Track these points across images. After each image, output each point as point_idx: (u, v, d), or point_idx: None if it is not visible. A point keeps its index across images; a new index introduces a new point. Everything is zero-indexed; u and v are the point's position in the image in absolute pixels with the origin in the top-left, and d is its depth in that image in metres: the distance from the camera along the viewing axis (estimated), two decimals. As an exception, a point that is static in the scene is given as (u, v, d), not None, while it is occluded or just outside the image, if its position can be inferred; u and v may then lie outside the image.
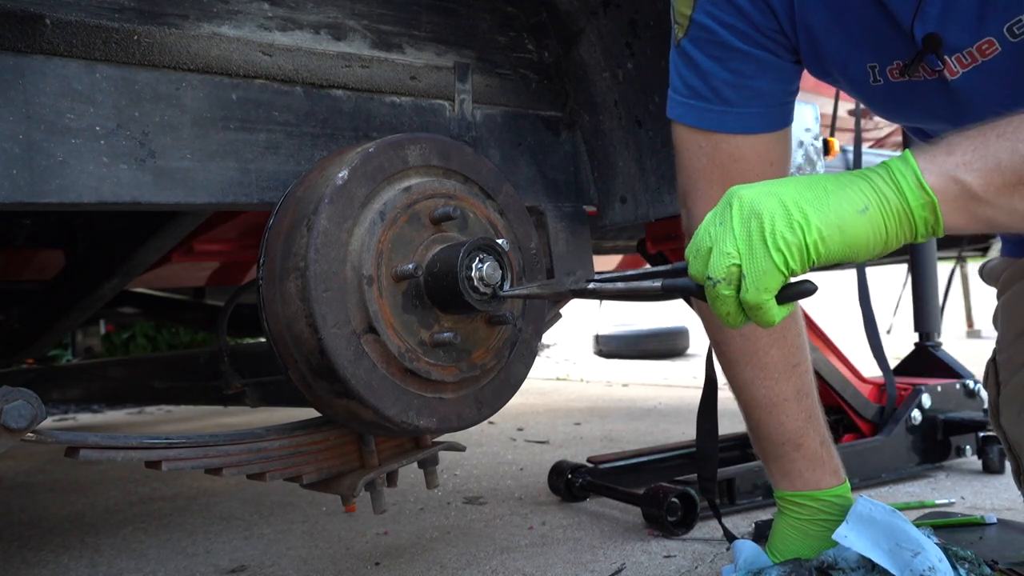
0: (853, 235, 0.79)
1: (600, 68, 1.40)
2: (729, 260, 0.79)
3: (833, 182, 0.81)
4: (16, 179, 0.91)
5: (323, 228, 0.96)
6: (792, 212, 0.78)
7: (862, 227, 0.79)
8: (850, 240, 0.79)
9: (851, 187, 0.81)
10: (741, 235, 0.79)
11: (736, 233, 0.79)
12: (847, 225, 0.79)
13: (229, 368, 1.42)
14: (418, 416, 1.03)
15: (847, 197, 0.80)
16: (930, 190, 0.79)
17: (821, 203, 0.79)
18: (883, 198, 0.80)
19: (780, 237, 0.78)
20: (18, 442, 0.84)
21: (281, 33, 1.14)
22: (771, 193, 0.80)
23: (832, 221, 0.79)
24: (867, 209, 0.79)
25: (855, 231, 0.79)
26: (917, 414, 2.01)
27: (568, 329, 6.87)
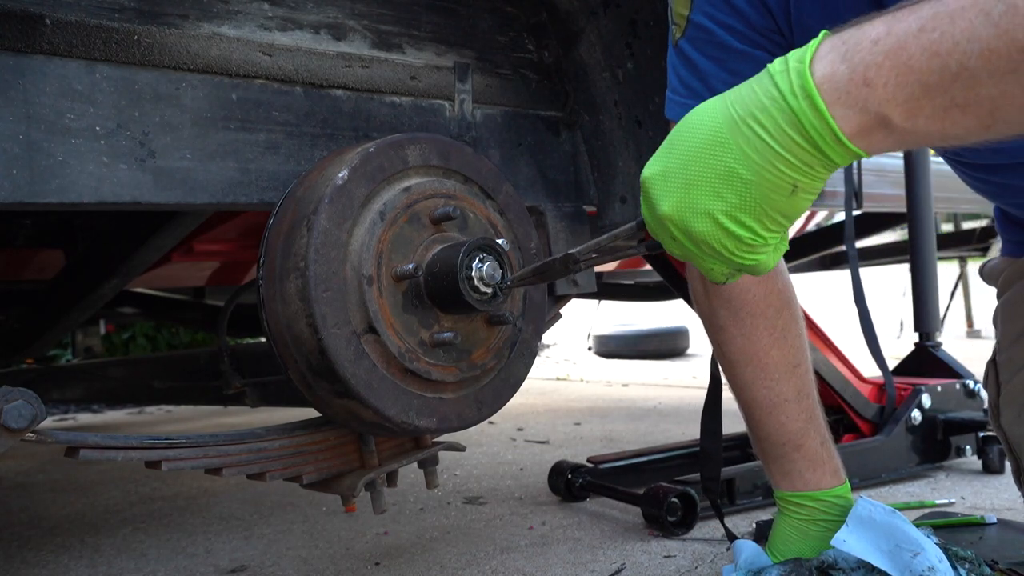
0: (795, 211, 0.74)
1: (600, 68, 1.40)
2: (721, 274, 0.80)
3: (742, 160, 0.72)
4: (16, 179, 0.91)
5: (323, 228, 0.96)
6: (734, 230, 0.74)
7: (801, 201, 0.74)
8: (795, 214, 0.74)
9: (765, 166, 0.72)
10: (710, 259, 0.78)
11: (704, 257, 0.78)
12: (786, 209, 0.74)
13: (229, 368, 1.42)
14: (418, 416, 1.03)
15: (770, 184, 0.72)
16: (851, 145, 0.69)
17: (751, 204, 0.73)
18: (807, 167, 0.71)
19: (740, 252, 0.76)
20: (18, 442, 0.84)
21: (281, 33, 1.14)
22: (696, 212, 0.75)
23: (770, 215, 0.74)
24: (796, 187, 0.72)
25: (796, 208, 0.74)
26: (917, 414, 2.01)
27: (568, 329, 6.87)
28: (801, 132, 0.70)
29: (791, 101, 0.70)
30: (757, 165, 0.72)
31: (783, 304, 1.20)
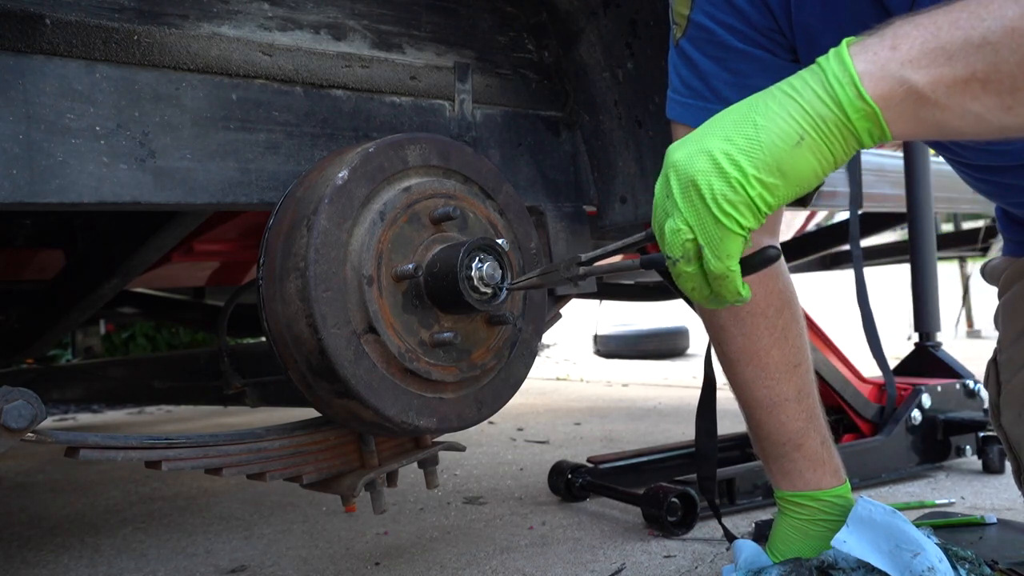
0: (795, 172, 0.72)
1: (600, 68, 1.40)
2: (682, 237, 0.74)
3: (763, 111, 0.73)
4: (16, 179, 0.91)
5: (323, 228, 0.96)
6: (726, 168, 0.71)
7: (803, 160, 0.71)
8: (794, 177, 0.72)
9: (782, 114, 0.72)
10: (686, 207, 0.73)
11: (680, 206, 0.74)
12: (786, 164, 0.71)
13: (229, 368, 1.42)
14: (418, 416, 1.03)
15: (779, 129, 0.71)
16: (871, 101, 0.69)
17: (753, 146, 0.72)
18: (819, 120, 0.71)
19: (723, 200, 0.72)
20: (18, 442, 0.84)
21: (281, 33, 1.14)
22: (701, 150, 0.73)
23: (770, 164, 0.71)
24: (803, 139, 0.71)
25: (796, 167, 0.72)
26: (917, 414, 2.01)
27: (568, 329, 6.87)
28: (822, 82, 0.71)
29: (822, 62, 0.72)
30: (773, 112, 0.73)
31: (783, 304, 1.20)
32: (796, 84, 0.73)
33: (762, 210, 0.73)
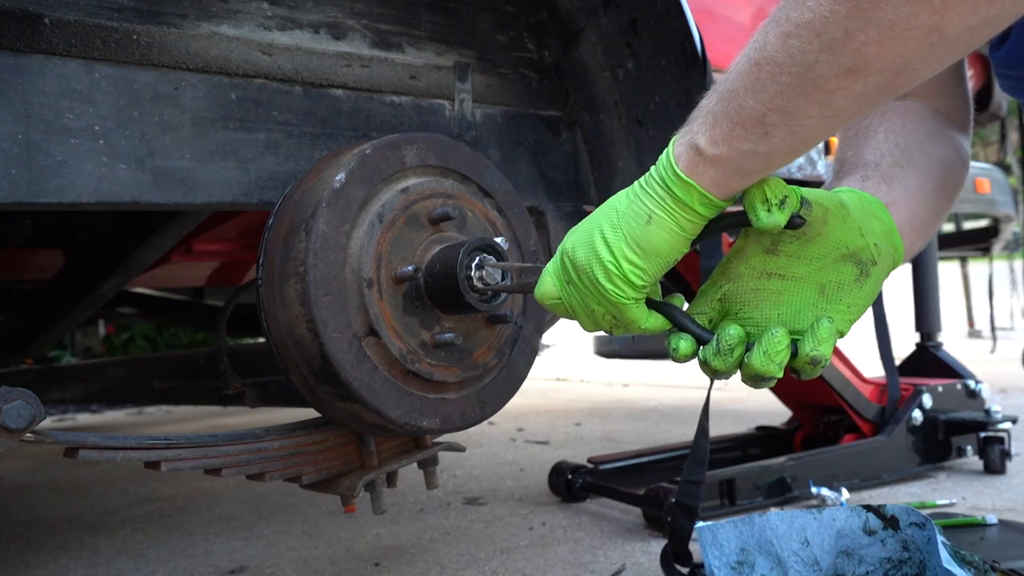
0: (650, 245, 0.82)
1: (600, 67, 1.40)
2: (602, 315, 0.86)
3: (624, 200, 0.85)
4: (15, 179, 0.91)
5: (321, 232, 0.96)
6: (600, 253, 0.83)
7: (655, 236, 0.82)
8: (650, 250, 0.82)
9: (635, 201, 0.84)
10: (590, 292, 0.85)
11: (588, 291, 0.85)
12: (643, 241, 0.82)
13: (228, 368, 1.42)
14: (421, 417, 1.03)
15: (633, 213, 0.83)
16: (684, 175, 0.81)
17: (616, 232, 0.83)
18: (660, 201, 0.82)
19: (606, 281, 0.83)
20: (17, 442, 0.84)
21: (280, 32, 1.14)
22: (583, 241, 0.85)
23: (630, 244, 0.82)
24: (651, 217, 0.82)
25: (651, 243, 0.82)
26: (918, 414, 2.01)
27: (568, 329, 6.87)
28: (656, 169, 0.84)
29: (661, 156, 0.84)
30: (629, 200, 0.84)
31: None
32: (645, 178, 0.85)
33: (637, 283, 0.83)
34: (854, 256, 0.86)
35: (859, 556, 1.14)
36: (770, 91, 0.76)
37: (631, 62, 1.37)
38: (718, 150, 0.80)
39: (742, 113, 0.78)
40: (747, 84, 0.77)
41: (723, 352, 0.83)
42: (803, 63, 0.73)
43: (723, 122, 0.79)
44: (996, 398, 3.15)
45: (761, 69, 0.76)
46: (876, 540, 1.14)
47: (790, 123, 0.78)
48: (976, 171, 3.06)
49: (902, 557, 1.11)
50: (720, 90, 0.80)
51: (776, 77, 0.75)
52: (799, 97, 0.76)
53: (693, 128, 0.82)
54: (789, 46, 0.73)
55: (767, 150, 0.80)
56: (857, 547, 1.15)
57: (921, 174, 1.08)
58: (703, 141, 0.80)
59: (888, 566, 1.12)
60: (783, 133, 0.79)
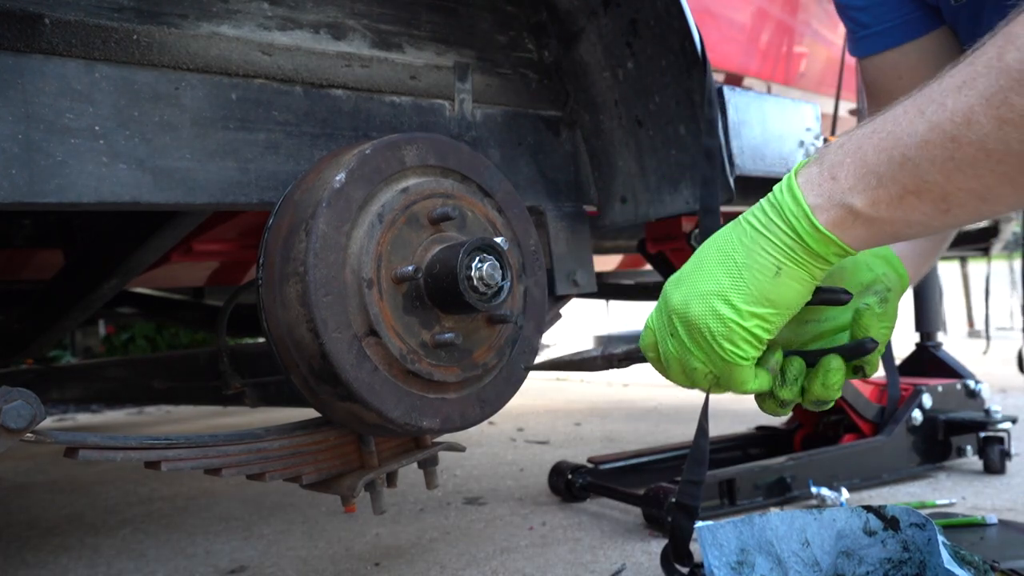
0: (781, 298, 0.79)
1: (600, 68, 1.40)
2: (704, 375, 0.84)
3: (740, 250, 0.81)
4: (15, 179, 0.91)
5: (322, 232, 0.96)
6: (720, 310, 0.80)
7: (786, 287, 0.79)
8: (781, 302, 0.80)
9: (757, 250, 0.80)
10: (696, 350, 0.82)
11: (691, 349, 0.82)
12: (772, 294, 0.79)
13: (228, 368, 1.42)
14: (421, 417, 1.03)
15: (759, 265, 0.79)
16: (825, 231, 0.77)
17: (739, 285, 0.80)
18: (789, 251, 0.79)
19: (723, 339, 0.80)
20: (17, 442, 0.84)
21: (281, 32, 1.14)
22: (696, 294, 0.81)
23: (758, 297, 0.79)
24: (780, 270, 0.79)
25: (781, 294, 0.79)
26: (918, 414, 2.01)
27: (568, 329, 6.87)
28: (782, 216, 0.79)
29: (777, 195, 0.80)
30: (747, 248, 0.80)
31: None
32: (761, 219, 0.81)
33: (761, 337, 0.80)
34: (869, 288, 0.92)
35: (859, 556, 1.14)
36: (967, 174, 0.70)
37: (631, 62, 1.37)
38: (879, 214, 0.76)
39: (922, 186, 0.73)
40: (935, 159, 0.71)
41: (788, 383, 0.86)
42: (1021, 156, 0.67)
43: (891, 187, 0.74)
44: (996, 398, 3.15)
45: (961, 149, 0.69)
46: (876, 541, 1.14)
47: (981, 206, 0.73)
48: (976, 171, 3.05)
49: (902, 557, 1.11)
50: (886, 148, 0.74)
51: (980, 163, 0.69)
52: (1004, 185, 0.70)
53: (842, 182, 0.76)
54: (1006, 135, 0.66)
55: (942, 224, 0.76)
56: (857, 547, 1.15)
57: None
58: (860, 203, 0.75)
59: (888, 566, 1.12)
60: (969, 212, 0.74)
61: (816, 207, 0.77)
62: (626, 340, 6.12)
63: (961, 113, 0.68)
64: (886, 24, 1.22)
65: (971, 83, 0.67)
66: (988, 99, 0.66)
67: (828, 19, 2.18)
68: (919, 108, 0.72)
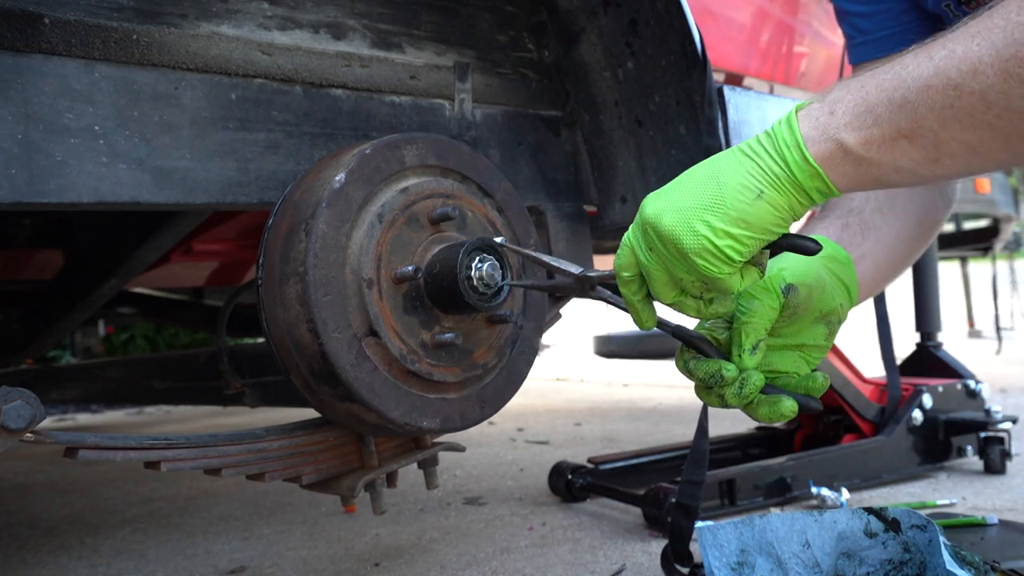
0: (758, 221, 0.78)
1: (600, 67, 1.40)
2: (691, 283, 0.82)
3: (725, 171, 0.80)
4: (15, 179, 0.91)
5: (321, 232, 0.96)
6: (694, 225, 0.78)
7: (764, 211, 0.78)
8: (757, 225, 0.78)
9: (741, 173, 0.79)
10: (676, 261, 0.81)
11: (674, 259, 0.81)
12: (749, 216, 0.78)
13: (228, 368, 1.42)
14: (421, 417, 1.03)
15: (740, 186, 0.78)
16: (814, 162, 0.77)
17: (718, 203, 0.78)
18: (773, 177, 0.78)
19: (695, 256, 0.79)
20: (17, 442, 0.84)
21: (280, 32, 1.14)
22: (673, 208, 0.80)
23: (735, 217, 0.78)
24: (762, 193, 0.78)
25: (759, 217, 0.78)
26: (918, 414, 2.01)
27: (568, 329, 6.87)
28: (774, 144, 0.79)
29: (775, 126, 0.80)
30: (732, 170, 0.79)
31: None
32: (753, 146, 0.80)
33: (736, 259, 0.79)
34: (826, 318, 0.95)
35: (860, 558, 1.14)
36: (964, 124, 0.70)
37: (631, 62, 1.37)
38: (869, 154, 0.75)
39: (916, 130, 0.72)
40: (934, 105, 0.70)
41: (744, 396, 0.87)
42: (1021, 114, 0.67)
43: (886, 128, 0.74)
44: (996, 398, 3.15)
45: (962, 97, 0.69)
46: (877, 542, 1.14)
47: (971, 159, 0.73)
48: (976, 171, 3.05)
49: (903, 558, 1.11)
50: (888, 88, 0.73)
51: (978, 114, 0.69)
52: (998, 141, 0.70)
53: (839, 117, 0.76)
54: (1009, 89, 0.66)
55: (929, 173, 0.76)
56: (858, 549, 1.15)
57: (898, 222, 1.13)
58: (853, 139, 0.75)
59: (889, 567, 1.12)
60: (958, 164, 0.74)
61: (809, 138, 0.77)
62: (626, 340, 6.14)
63: (969, 62, 0.68)
64: (886, 31, 1.22)
65: (985, 34, 0.67)
66: (999, 51, 0.66)
67: (828, 19, 2.18)
68: (928, 53, 0.72)
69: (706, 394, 0.89)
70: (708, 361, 0.88)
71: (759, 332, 0.88)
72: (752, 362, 0.87)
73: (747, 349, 0.87)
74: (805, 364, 0.94)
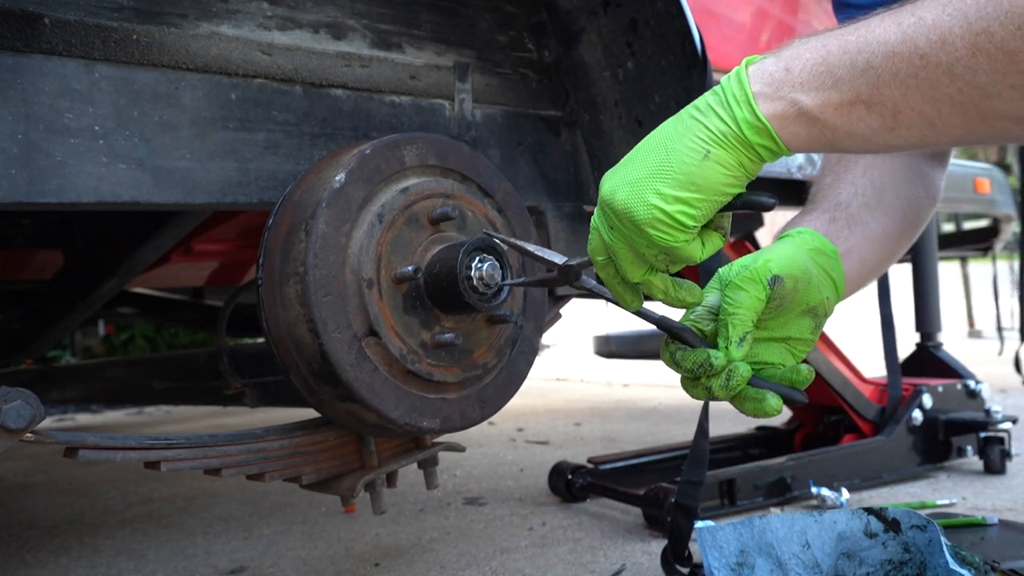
0: (707, 182, 0.75)
1: (600, 67, 1.40)
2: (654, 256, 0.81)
3: (672, 135, 0.78)
4: (15, 179, 0.91)
5: (321, 232, 0.96)
6: (645, 195, 0.76)
7: (712, 171, 0.75)
8: (707, 187, 0.76)
9: (688, 135, 0.77)
10: (636, 236, 0.79)
11: (633, 236, 0.80)
12: (697, 178, 0.75)
13: (228, 368, 1.42)
14: (421, 417, 1.03)
15: (686, 148, 0.76)
16: (764, 120, 0.74)
17: (665, 169, 0.76)
18: (720, 136, 0.75)
19: (648, 227, 0.77)
20: (17, 442, 0.84)
21: (280, 32, 1.14)
22: (624, 182, 0.79)
23: (683, 181, 0.75)
24: (708, 153, 0.75)
25: (707, 178, 0.75)
26: (918, 414, 2.01)
27: (568, 329, 6.87)
28: (722, 102, 0.76)
29: (724, 82, 0.77)
30: (679, 134, 0.77)
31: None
32: (700, 106, 0.78)
33: (689, 224, 0.77)
34: (813, 311, 0.93)
35: (860, 558, 1.14)
36: (926, 95, 0.68)
37: (631, 62, 1.37)
38: (824, 116, 0.73)
39: (875, 96, 0.70)
40: (898, 73, 0.68)
41: (731, 388, 0.86)
42: (984, 90, 0.65)
43: (845, 91, 0.71)
44: (996, 398, 3.15)
45: (927, 68, 0.66)
46: (877, 543, 1.14)
47: (927, 131, 0.71)
48: (976, 171, 3.06)
49: (903, 558, 1.11)
50: (852, 51, 0.71)
51: (942, 86, 0.67)
52: (956, 116, 0.68)
53: (795, 75, 0.74)
54: (975, 64, 0.64)
55: (883, 142, 0.74)
56: (858, 549, 1.15)
57: (885, 218, 1.12)
58: (809, 100, 0.73)
59: (889, 567, 1.12)
60: (914, 135, 0.72)
61: (760, 95, 0.75)
62: (626, 340, 6.13)
63: (938, 32, 0.66)
64: None
65: (958, 4, 0.65)
66: (970, 24, 0.64)
67: (828, 19, 2.18)
68: (897, 19, 0.69)
69: (692, 386, 0.88)
70: (695, 351, 0.87)
71: (746, 324, 0.87)
72: (739, 354, 0.86)
73: (734, 341, 0.86)
74: (791, 357, 0.94)
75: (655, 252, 0.80)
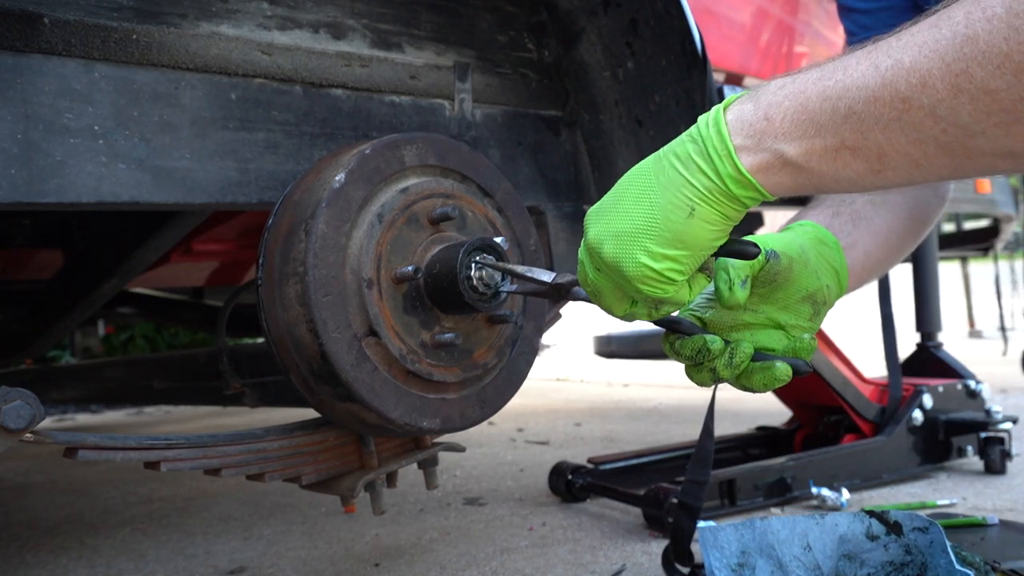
0: (693, 239, 0.76)
1: (600, 67, 1.40)
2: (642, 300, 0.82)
3: (658, 187, 0.77)
4: (14, 179, 0.91)
5: (321, 232, 0.96)
6: (634, 253, 0.77)
7: (698, 228, 0.76)
8: (693, 244, 0.76)
9: (672, 190, 0.76)
10: (624, 283, 0.80)
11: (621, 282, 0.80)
12: (684, 235, 0.76)
13: (228, 368, 1.42)
14: (421, 417, 1.03)
15: (672, 205, 0.76)
16: (747, 174, 0.74)
17: (652, 225, 0.76)
18: (705, 191, 0.75)
19: (638, 282, 0.78)
20: (17, 442, 0.84)
21: (280, 32, 1.14)
22: (612, 233, 0.79)
23: (670, 239, 0.76)
24: (694, 211, 0.75)
25: (693, 235, 0.76)
26: (918, 414, 2.01)
27: (568, 329, 6.87)
28: (704, 155, 0.76)
29: (702, 130, 0.76)
30: (663, 187, 0.77)
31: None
32: (681, 155, 0.77)
33: (675, 279, 0.78)
34: (811, 297, 0.92)
35: (861, 560, 1.14)
36: (911, 137, 0.67)
37: (631, 62, 1.37)
38: (809, 164, 0.73)
39: (861, 141, 0.70)
40: (880, 117, 0.68)
41: (735, 366, 0.85)
42: (968, 129, 0.65)
43: (829, 139, 0.71)
44: (996, 398, 3.15)
45: (910, 111, 0.66)
46: (879, 545, 1.14)
47: (914, 171, 0.71)
48: (976, 171, 3.05)
49: (904, 560, 1.11)
50: (832, 97, 0.70)
51: (926, 128, 0.66)
52: (942, 155, 0.68)
53: (776, 125, 0.73)
54: (958, 105, 0.63)
55: (870, 183, 0.74)
56: (859, 551, 1.15)
57: (890, 215, 1.12)
58: (793, 150, 0.72)
59: (890, 568, 1.12)
60: (901, 176, 0.72)
61: (742, 148, 0.74)
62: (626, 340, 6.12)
63: (918, 75, 0.65)
64: (887, 29, 1.22)
65: (933, 46, 0.64)
66: (948, 65, 0.63)
67: (828, 19, 2.18)
68: (874, 62, 0.68)
69: (697, 371, 0.88)
70: (693, 338, 0.87)
71: (745, 269, 0.85)
72: (742, 295, 0.84)
73: (736, 282, 0.84)
74: (790, 344, 0.93)
75: (644, 298, 0.81)
